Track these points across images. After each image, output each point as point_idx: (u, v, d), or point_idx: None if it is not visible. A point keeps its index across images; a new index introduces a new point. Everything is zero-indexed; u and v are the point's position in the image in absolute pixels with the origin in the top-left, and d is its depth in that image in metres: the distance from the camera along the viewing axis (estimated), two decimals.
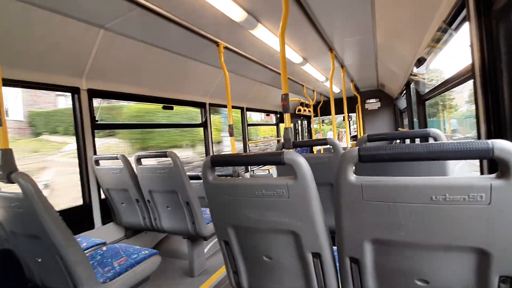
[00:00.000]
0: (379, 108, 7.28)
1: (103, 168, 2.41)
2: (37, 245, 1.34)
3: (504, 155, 0.62)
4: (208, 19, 2.26)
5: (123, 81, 2.72)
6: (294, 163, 0.90)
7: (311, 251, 0.97)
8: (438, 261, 0.75)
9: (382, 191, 0.76)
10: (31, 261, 1.49)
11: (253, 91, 4.98)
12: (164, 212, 2.34)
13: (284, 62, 1.93)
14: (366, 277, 0.87)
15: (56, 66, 2.16)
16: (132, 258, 1.67)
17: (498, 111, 1.05)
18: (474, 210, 0.66)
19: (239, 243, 1.15)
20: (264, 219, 1.00)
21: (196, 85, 3.67)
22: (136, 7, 1.90)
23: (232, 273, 1.22)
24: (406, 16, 2.25)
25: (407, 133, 2.21)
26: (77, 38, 2.09)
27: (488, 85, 1.09)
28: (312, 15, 2.36)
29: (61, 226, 1.25)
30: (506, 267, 0.68)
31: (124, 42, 2.38)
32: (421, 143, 0.71)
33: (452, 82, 1.98)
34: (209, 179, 1.08)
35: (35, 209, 1.19)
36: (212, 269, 2.50)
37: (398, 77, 4.24)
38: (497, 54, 1.04)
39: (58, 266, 1.31)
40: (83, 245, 1.97)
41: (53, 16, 1.86)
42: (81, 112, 2.38)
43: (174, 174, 2.09)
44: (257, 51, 3.19)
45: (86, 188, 2.44)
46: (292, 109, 7.02)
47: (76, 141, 2.41)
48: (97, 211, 2.49)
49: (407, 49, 2.87)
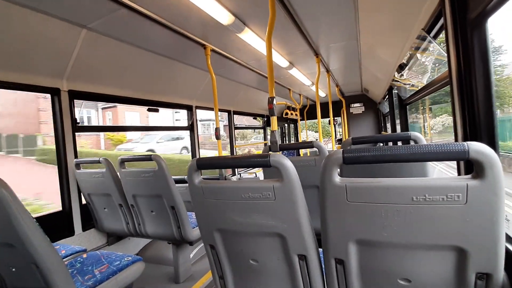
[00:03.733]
0: (363, 112, 7.47)
1: (84, 172, 2.33)
2: (11, 254, 1.27)
3: (479, 156, 0.64)
4: (195, 21, 2.25)
5: (106, 82, 2.64)
6: (280, 165, 0.91)
7: (297, 253, 0.98)
8: (419, 260, 0.78)
9: (366, 192, 0.77)
10: (4, 270, 1.41)
11: (240, 94, 4.99)
12: (148, 217, 2.28)
13: (271, 65, 1.95)
14: (351, 278, 0.88)
15: (35, 66, 2.07)
16: (114, 265, 1.61)
17: (473, 115, 1.10)
18: (452, 209, 0.69)
19: (225, 247, 1.13)
20: (250, 222, 0.99)
21: (183, 87, 3.63)
22: (120, 7, 1.86)
23: (218, 278, 1.20)
24: (388, 24, 2.33)
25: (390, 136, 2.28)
26: (58, 37, 2.02)
27: (464, 91, 1.14)
28: (299, 20, 2.40)
29: (37, 233, 1.18)
30: (482, 264, 0.71)
31: (108, 42, 2.33)
32: (403, 145, 0.73)
33: (431, 87, 2.06)
34: (195, 182, 1.06)
35: (9, 215, 1.12)
36: (198, 274, 2.46)
37: (381, 82, 4.38)
38: (472, 61, 1.09)
39: (34, 275, 1.24)
40: (62, 252, 1.89)
41: (32, 14, 1.79)
42: (61, 114, 2.29)
43: (159, 177, 2.05)
44: (244, 54, 3.20)
45: (66, 193, 2.35)
46: (279, 113, 7.08)
47: (56, 144, 2.32)
48: (77, 217, 2.39)
49: (389, 55, 2.97)
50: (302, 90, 6.10)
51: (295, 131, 8.68)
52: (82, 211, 2.42)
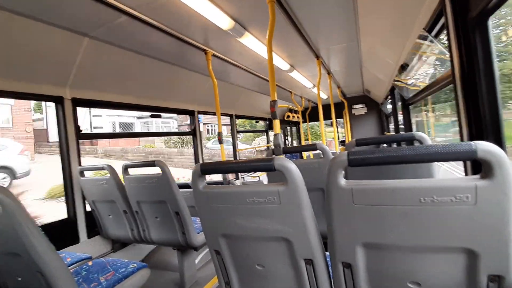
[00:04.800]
0: (365, 113, 7.45)
1: (89, 179, 2.33)
2: (17, 264, 1.27)
3: (487, 156, 0.63)
4: (196, 27, 2.26)
5: (109, 89, 2.66)
6: (285, 169, 0.90)
7: (303, 258, 0.96)
8: (428, 262, 0.76)
9: (372, 195, 0.76)
10: (10, 281, 1.41)
11: (242, 98, 5.00)
12: (153, 223, 2.27)
13: (272, 69, 1.95)
14: (359, 282, 0.87)
15: (39, 75, 2.10)
16: (119, 273, 1.61)
17: (479, 114, 1.09)
18: (461, 210, 0.68)
19: (231, 252, 1.12)
20: (256, 226, 0.98)
21: (185, 92, 3.64)
22: (121, 15, 1.88)
23: (224, 284, 1.19)
24: (388, 24, 2.33)
25: (394, 136, 2.26)
26: (60, 46, 2.05)
27: (468, 90, 1.13)
28: (298, 23, 2.41)
29: (42, 242, 1.18)
30: (494, 266, 0.69)
31: (110, 50, 2.35)
32: (409, 146, 0.72)
33: (434, 87, 2.05)
34: (199, 187, 1.06)
35: (15, 225, 1.13)
36: (204, 280, 2.44)
37: (383, 83, 4.37)
38: (475, 59, 1.08)
39: (39, 284, 1.24)
40: (67, 260, 1.88)
41: (35, 25, 1.81)
42: (65, 122, 2.31)
43: (163, 183, 2.05)
44: (245, 58, 3.21)
45: (71, 200, 2.35)
46: (281, 116, 7.08)
47: (60, 151, 2.33)
48: (82, 224, 2.40)
49: (390, 55, 2.96)
50: (304, 93, 6.10)
51: (297, 134, 8.67)
52: (87, 218, 2.43)
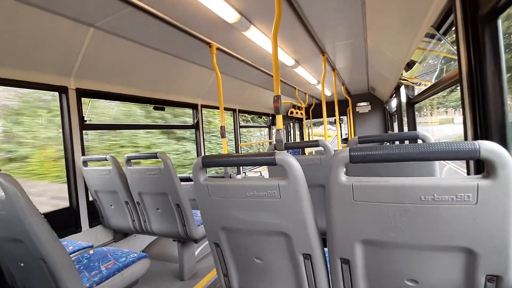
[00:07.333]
0: (369, 111, 7.40)
1: (91, 169, 2.35)
2: (19, 250, 1.29)
3: (490, 155, 0.63)
4: (201, 19, 2.25)
5: (113, 81, 2.67)
6: (286, 163, 0.90)
7: (302, 253, 0.97)
8: (427, 261, 0.76)
9: (373, 192, 0.76)
10: (13, 266, 1.43)
11: (246, 92, 4.98)
12: (154, 215, 2.30)
13: (276, 64, 1.93)
14: (357, 278, 0.87)
15: (43, 65, 2.10)
16: (120, 262, 1.63)
17: (484, 114, 1.08)
18: (461, 210, 0.67)
19: (230, 245, 1.13)
20: (255, 220, 0.99)
21: (188, 86, 3.64)
22: (127, 6, 1.87)
23: (223, 276, 1.20)
24: (395, 21, 2.29)
25: (397, 135, 2.25)
26: (65, 36, 2.05)
27: (475, 89, 1.11)
28: (305, 18, 2.38)
29: (45, 229, 1.20)
30: (492, 267, 0.69)
31: (115, 41, 2.34)
32: (411, 144, 0.71)
33: (440, 85, 2.02)
34: (200, 180, 1.06)
35: (18, 211, 1.14)
36: (203, 272, 2.47)
37: (388, 81, 4.32)
38: (483, 59, 1.06)
39: (41, 270, 1.27)
40: (69, 248, 1.91)
41: (40, 13, 1.81)
42: (69, 112, 2.32)
43: (165, 175, 2.06)
44: (249, 52, 3.19)
45: (73, 189, 2.38)
46: (285, 112, 7.06)
47: (63, 141, 2.35)
48: (84, 214, 2.43)
49: (396, 53, 2.92)
50: (308, 89, 6.06)
51: (300, 130, 8.64)
52: (89, 208, 2.46)
